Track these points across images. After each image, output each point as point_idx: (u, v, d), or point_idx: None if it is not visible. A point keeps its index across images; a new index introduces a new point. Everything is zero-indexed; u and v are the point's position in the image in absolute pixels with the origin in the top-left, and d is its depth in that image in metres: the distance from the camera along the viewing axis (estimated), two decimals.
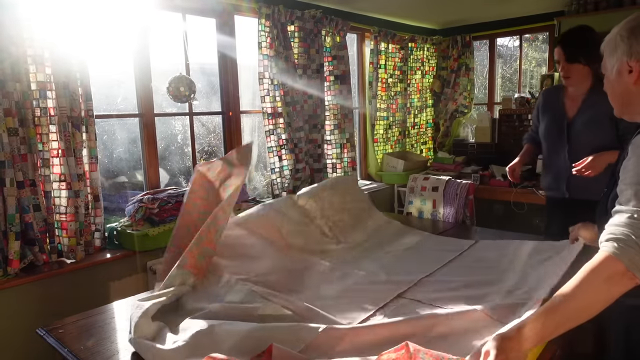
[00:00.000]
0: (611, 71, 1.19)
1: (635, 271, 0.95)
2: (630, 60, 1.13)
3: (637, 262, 0.95)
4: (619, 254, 0.96)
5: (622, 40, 1.15)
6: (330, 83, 3.74)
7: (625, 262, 0.95)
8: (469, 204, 2.99)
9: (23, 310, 2.18)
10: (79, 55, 2.30)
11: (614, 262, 0.96)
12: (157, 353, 1.20)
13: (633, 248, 0.95)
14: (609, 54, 1.19)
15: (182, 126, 3.30)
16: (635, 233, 0.96)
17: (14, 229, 2.10)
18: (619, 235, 0.97)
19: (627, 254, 0.95)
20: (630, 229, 0.97)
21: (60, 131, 2.25)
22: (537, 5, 3.98)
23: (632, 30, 1.14)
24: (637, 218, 0.97)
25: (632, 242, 0.95)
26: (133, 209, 2.57)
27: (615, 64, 1.17)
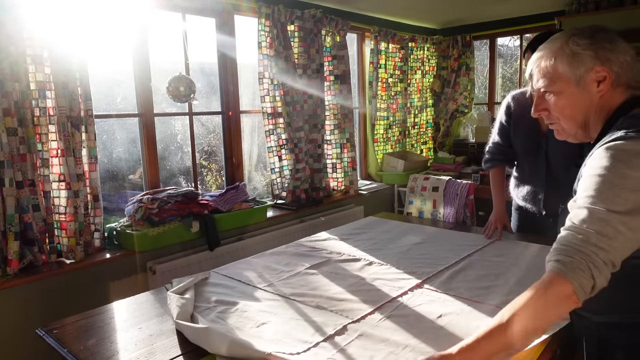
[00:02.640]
0: (571, 89, 1.08)
1: (581, 295, 0.91)
2: (600, 67, 1.04)
3: (585, 287, 0.91)
4: (571, 276, 0.91)
5: (584, 49, 1.05)
6: (330, 83, 3.73)
7: (575, 286, 0.91)
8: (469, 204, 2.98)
9: (22, 311, 2.17)
10: (79, 55, 2.30)
11: (565, 284, 0.91)
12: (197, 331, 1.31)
13: (585, 272, 0.90)
14: (567, 71, 1.06)
15: (182, 126, 3.29)
16: (589, 257, 0.90)
17: (13, 229, 2.10)
18: (573, 258, 0.92)
19: (578, 277, 0.90)
20: (584, 252, 0.91)
21: (60, 131, 2.25)
22: (538, 5, 3.97)
23: (591, 35, 1.05)
24: (592, 242, 0.91)
25: (585, 267, 0.90)
26: (132, 209, 2.56)
27: (580, 78, 1.06)
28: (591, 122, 1.10)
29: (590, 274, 0.90)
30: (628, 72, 1.06)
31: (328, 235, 2.37)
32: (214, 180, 3.69)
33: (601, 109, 1.08)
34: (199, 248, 2.77)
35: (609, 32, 1.07)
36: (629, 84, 1.08)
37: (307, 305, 1.54)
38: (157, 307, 1.58)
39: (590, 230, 0.92)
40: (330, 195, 3.79)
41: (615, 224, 0.90)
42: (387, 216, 2.87)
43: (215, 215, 2.81)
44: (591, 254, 0.90)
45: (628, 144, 0.94)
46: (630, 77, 1.07)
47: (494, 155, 2.33)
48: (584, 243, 0.91)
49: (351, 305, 1.53)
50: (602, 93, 1.06)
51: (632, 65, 1.06)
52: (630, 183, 0.91)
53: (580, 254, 0.91)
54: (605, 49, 1.04)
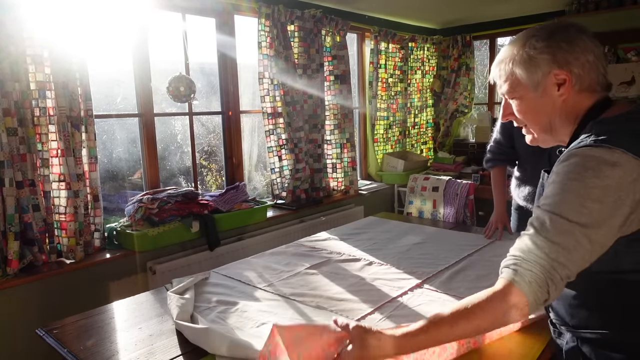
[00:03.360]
0: (531, 94, 1.03)
1: (532, 309, 0.89)
2: (558, 70, 0.98)
3: (538, 301, 0.88)
4: (527, 290, 0.87)
5: (540, 52, 0.99)
6: (330, 83, 3.73)
7: (530, 300, 0.87)
8: (469, 204, 2.98)
9: (22, 311, 2.17)
10: (79, 55, 2.30)
11: (520, 297, 0.88)
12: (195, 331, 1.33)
13: (542, 288, 0.87)
14: (525, 77, 1.02)
15: (182, 126, 3.29)
16: (549, 273, 0.87)
17: (13, 229, 2.10)
18: (532, 271, 0.88)
19: (534, 292, 0.87)
20: (544, 267, 0.87)
21: (60, 131, 2.25)
22: (538, 5, 3.97)
23: (549, 36, 1.00)
24: (552, 257, 0.87)
25: (543, 282, 0.87)
26: (132, 209, 2.56)
27: (538, 83, 1.01)
28: (557, 127, 1.05)
29: (546, 289, 0.87)
30: (591, 72, 0.99)
31: (328, 235, 2.37)
32: (214, 180, 3.69)
33: (567, 114, 1.02)
34: (199, 248, 2.77)
35: (568, 30, 1.00)
36: (595, 85, 1.00)
37: (307, 305, 1.54)
38: (157, 307, 1.58)
39: (552, 241, 0.87)
40: (330, 195, 3.79)
41: (577, 236, 0.86)
42: (387, 216, 2.87)
43: (215, 215, 2.81)
44: (551, 269, 0.87)
45: (597, 151, 0.90)
46: (595, 77, 1.00)
47: (496, 155, 2.33)
48: (545, 256, 0.87)
49: (351, 305, 1.53)
50: (565, 97, 1.00)
51: (596, 64, 0.99)
52: (596, 193, 0.86)
53: (540, 268, 0.87)
54: (563, 50, 0.98)
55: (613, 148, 0.88)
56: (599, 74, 1.00)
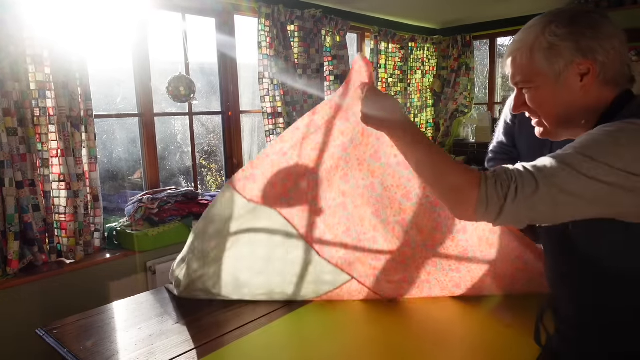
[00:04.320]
0: (549, 85, 0.95)
1: (480, 208, 0.84)
2: (582, 59, 0.90)
3: (490, 198, 0.83)
4: (484, 189, 0.84)
5: (562, 39, 0.91)
6: (330, 83, 3.73)
7: (481, 191, 0.84)
8: None
9: (22, 311, 2.17)
10: (79, 55, 2.30)
11: (475, 190, 0.84)
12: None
13: (502, 186, 0.83)
14: (545, 66, 0.94)
15: (182, 126, 3.29)
16: (522, 176, 0.83)
17: (13, 229, 2.10)
18: (506, 177, 0.84)
19: (491, 186, 0.83)
20: (524, 172, 0.83)
21: (60, 131, 2.25)
22: (538, 5, 3.97)
23: (571, 22, 0.92)
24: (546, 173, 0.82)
25: (507, 183, 0.83)
26: (132, 209, 2.56)
27: (559, 73, 0.92)
28: (575, 119, 0.96)
29: (504, 194, 0.82)
30: (616, 61, 0.90)
31: None
32: (214, 180, 3.69)
33: (587, 106, 0.93)
34: None
35: (590, 15, 0.92)
36: (620, 76, 0.92)
37: None
38: (157, 307, 1.58)
39: (537, 165, 0.84)
40: None
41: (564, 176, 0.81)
42: None
43: None
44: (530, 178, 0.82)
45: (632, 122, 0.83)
46: (619, 67, 0.92)
47: (498, 154, 2.32)
48: (523, 169, 0.84)
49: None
50: (587, 88, 0.92)
51: (621, 52, 0.91)
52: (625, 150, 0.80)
53: (517, 174, 0.83)
54: (587, 36, 0.89)
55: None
56: (624, 65, 0.92)
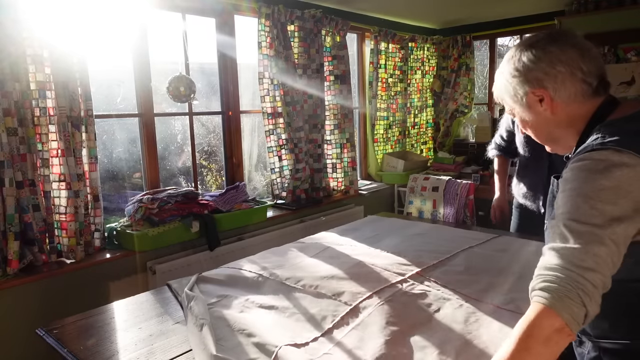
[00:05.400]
0: (524, 113, 1.06)
1: (574, 327, 0.80)
2: (531, 89, 1.01)
3: (577, 316, 0.80)
4: (559, 307, 0.80)
5: (511, 78, 1.04)
6: (330, 83, 3.73)
7: (566, 318, 0.80)
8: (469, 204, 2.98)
9: (22, 311, 2.17)
10: (79, 55, 2.30)
11: (552, 318, 0.80)
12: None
13: (574, 300, 0.80)
14: (511, 100, 1.07)
15: (182, 126, 3.29)
16: (577, 283, 0.81)
17: (13, 229, 2.10)
18: (558, 285, 0.82)
19: (567, 307, 0.80)
20: (569, 277, 0.81)
21: (60, 131, 2.25)
22: (538, 5, 3.97)
23: (520, 64, 1.02)
24: (575, 263, 0.82)
25: (574, 294, 0.80)
26: (133, 209, 2.56)
27: (523, 103, 1.04)
28: (560, 137, 1.06)
29: (580, 301, 0.80)
30: (566, 82, 0.98)
31: (328, 233, 2.37)
32: (214, 180, 3.69)
33: (566, 123, 1.03)
34: (199, 248, 2.77)
35: (535, 46, 1.01)
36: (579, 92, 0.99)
37: (306, 293, 1.55)
38: (157, 307, 1.58)
39: (573, 247, 0.83)
40: (330, 195, 3.79)
41: (597, 237, 0.82)
42: (387, 216, 2.87)
43: (216, 215, 2.81)
44: (577, 277, 0.81)
45: (603, 153, 0.88)
46: (572, 86, 0.98)
47: (499, 146, 2.42)
48: (568, 264, 0.82)
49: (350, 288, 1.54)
50: (550, 111, 1.01)
51: (570, 72, 0.98)
52: (607, 194, 0.85)
53: (568, 280, 0.81)
54: (531, 68, 1.00)
55: (621, 149, 0.87)
56: (578, 81, 0.98)
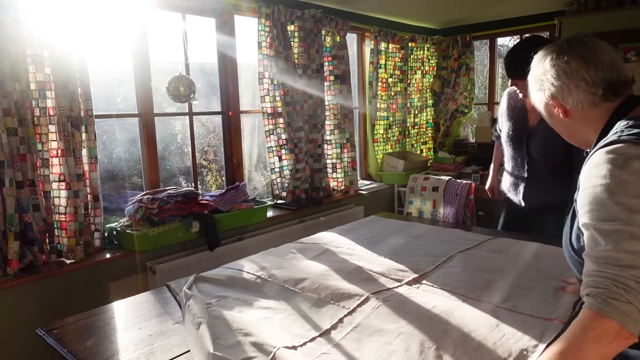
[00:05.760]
0: (545, 114, 1.18)
1: (632, 327, 0.80)
2: (547, 99, 1.11)
3: (632, 315, 0.80)
4: (605, 311, 0.81)
5: (532, 88, 1.16)
6: (330, 83, 3.73)
7: (617, 319, 0.80)
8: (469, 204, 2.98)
9: (22, 311, 2.17)
10: (79, 55, 2.30)
11: (602, 321, 0.81)
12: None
13: (618, 300, 0.80)
14: (536, 101, 1.17)
15: (182, 126, 3.29)
16: (617, 281, 0.82)
17: (13, 229, 2.10)
18: (600, 288, 0.83)
19: (616, 308, 0.80)
20: (608, 277, 0.82)
21: (60, 131, 2.25)
22: (538, 5, 3.97)
23: (533, 76, 1.14)
24: (612, 263, 0.83)
25: (617, 294, 0.80)
26: (133, 209, 2.56)
27: (543, 108, 1.16)
28: (582, 136, 1.11)
29: (625, 299, 0.80)
30: (572, 91, 1.04)
31: (328, 234, 2.37)
32: (214, 180, 3.69)
33: (584, 123, 1.08)
34: (199, 248, 2.77)
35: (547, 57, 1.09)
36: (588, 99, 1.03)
37: (305, 296, 1.55)
38: (157, 307, 1.58)
39: (604, 250, 0.84)
40: (330, 195, 3.79)
41: (626, 234, 0.82)
42: (387, 216, 2.87)
43: (216, 215, 2.81)
44: (616, 277, 0.81)
45: (621, 147, 0.89)
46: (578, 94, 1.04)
47: (498, 134, 2.56)
48: (605, 267, 0.83)
49: (348, 290, 1.54)
50: (564, 115, 1.09)
51: (574, 83, 1.03)
52: (628, 188, 0.85)
53: (605, 282, 0.82)
54: (542, 80, 1.10)
55: (638, 142, 0.88)
56: (582, 92, 1.04)
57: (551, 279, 1.63)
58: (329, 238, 2.24)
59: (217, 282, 1.72)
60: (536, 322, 1.31)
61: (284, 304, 1.50)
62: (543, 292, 1.52)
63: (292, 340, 1.27)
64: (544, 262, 1.82)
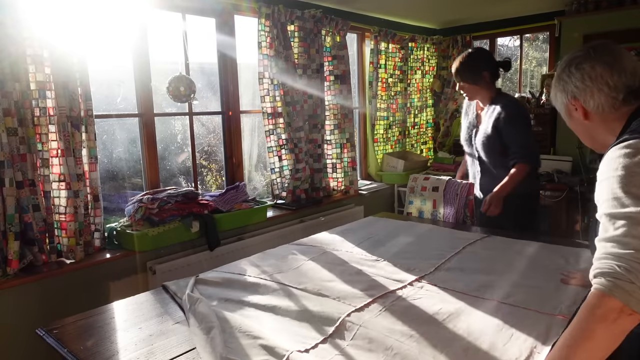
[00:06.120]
0: (565, 116, 1.22)
1: (632, 304, 0.85)
2: (569, 100, 1.16)
3: (632, 293, 0.85)
4: (609, 289, 0.87)
5: (555, 88, 1.20)
6: (330, 83, 3.73)
7: (619, 297, 0.86)
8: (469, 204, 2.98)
9: (22, 311, 2.17)
10: (79, 55, 2.30)
11: (606, 299, 0.87)
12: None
13: (621, 279, 0.86)
14: (558, 104, 1.22)
15: (182, 126, 3.29)
16: (621, 263, 0.87)
17: (13, 229, 2.10)
18: (605, 269, 0.89)
19: (617, 287, 0.86)
20: (613, 259, 0.88)
21: (60, 131, 2.25)
22: (538, 5, 3.97)
23: (558, 77, 1.18)
24: (619, 245, 0.89)
25: (620, 274, 0.86)
26: (133, 209, 2.56)
27: (562, 108, 1.21)
28: (600, 139, 1.16)
29: (627, 279, 0.85)
30: (594, 95, 1.10)
31: (328, 235, 2.37)
32: (214, 180, 3.69)
33: (602, 126, 1.14)
34: (199, 248, 2.77)
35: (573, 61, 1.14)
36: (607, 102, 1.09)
37: (309, 292, 1.56)
38: (157, 307, 1.58)
39: (613, 235, 0.90)
40: (330, 195, 3.79)
41: (634, 221, 0.88)
42: (387, 216, 2.87)
43: (216, 215, 2.81)
44: (620, 259, 0.87)
45: (632, 143, 0.96)
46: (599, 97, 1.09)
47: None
48: (612, 249, 0.89)
49: (351, 293, 1.55)
50: (584, 117, 1.15)
51: (597, 86, 1.10)
52: (639, 180, 0.92)
53: (610, 264, 0.88)
54: (566, 82, 1.15)
55: None
56: (604, 95, 1.10)
57: (552, 275, 1.64)
58: (328, 239, 2.24)
59: (217, 284, 1.72)
60: (540, 319, 1.32)
61: (287, 305, 1.50)
62: (545, 289, 1.53)
63: (300, 343, 1.27)
64: (545, 259, 1.83)
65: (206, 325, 1.33)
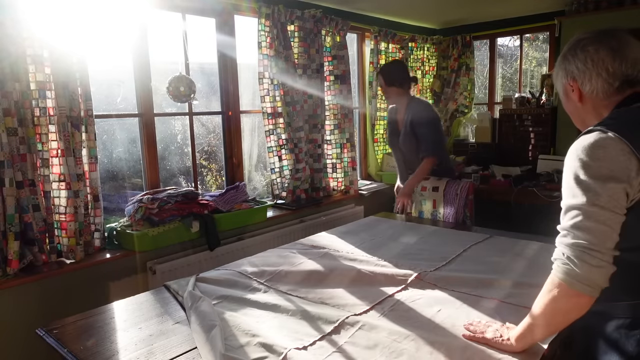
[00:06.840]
0: (562, 96, 1.24)
1: (577, 287, 0.97)
2: (568, 80, 1.18)
3: (577, 276, 0.96)
4: (558, 274, 1.00)
5: (558, 66, 1.22)
6: (330, 83, 3.73)
7: (565, 280, 0.98)
8: (469, 204, 2.98)
9: (22, 311, 2.17)
10: (79, 55, 2.30)
11: (557, 283, 1.00)
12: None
13: (567, 265, 0.98)
14: (557, 84, 1.24)
15: (182, 126, 3.29)
16: (567, 251, 0.99)
17: (13, 229, 2.10)
18: (557, 256, 1.02)
19: (564, 272, 0.98)
20: (564, 247, 1.00)
21: (60, 131, 2.25)
22: (538, 5, 3.97)
23: (564, 55, 1.20)
24: (568, 234, 1.00)
25: (567, 261, 0.98)
26: (133, 209, 2.56)
27: (561, 88, 1.23)
28: (587, 121, 1.17)
29: (573, 264, 0.97)
30: (592, 78, 1.11)
31: (328, 235, 2.37)
32: (214, 180, 3.69)
33: (593, 111, 1.16)
34: (199, 248, 2.77)
35: (578, 43, 1.15)
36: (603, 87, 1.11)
37: (306, 300, 1.55)
38: (157, 307, 1.58)
39: (566, 224, 1.00)
40: (330, 195, 3.79)
41: (583, 210, 0.96)
42: (387, 216, 2.87)
43: (216, 215, 2.81)
44: (566, 247, 0.98)
45: (587, 137, 1.00)
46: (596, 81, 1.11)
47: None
48: (563, 237, 1.00)
49: (350, 300, 1.54)
50: (578, 99, 1.17)
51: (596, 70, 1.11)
52: (589, 172, 0.97)
53: (560, 250, 1.00)
54: (568, 61, 1.17)
55: (606, 131, 0.98)
56: (601, 80, 1.11)
57: None
58: (328, 240, 2.24)
59: (217, 283, 1.72)
60: None
61: (286, 306, 1.50)
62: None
63: (298, 340, 1.27)
64: (545, 259, 1.83)
65: (207, 324, 1.33)
